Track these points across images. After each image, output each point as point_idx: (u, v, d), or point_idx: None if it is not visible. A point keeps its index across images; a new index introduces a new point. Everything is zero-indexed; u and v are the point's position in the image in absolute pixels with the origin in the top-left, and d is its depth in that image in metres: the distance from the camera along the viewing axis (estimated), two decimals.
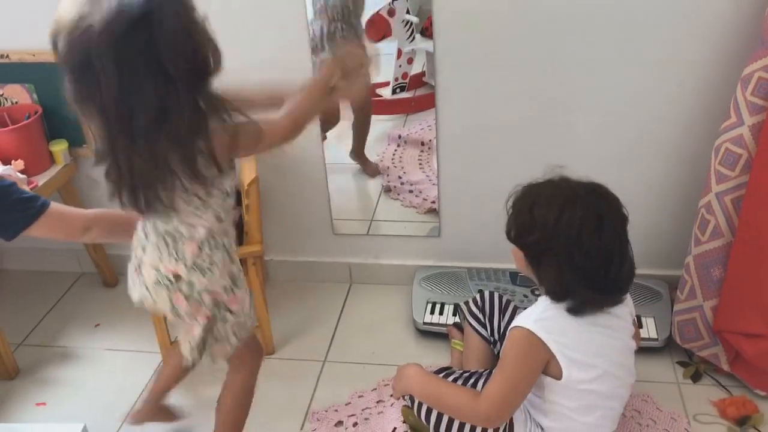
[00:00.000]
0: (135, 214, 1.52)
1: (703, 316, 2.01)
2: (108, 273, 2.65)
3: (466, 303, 1.98)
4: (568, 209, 1.43)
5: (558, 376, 1.47)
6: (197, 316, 1.55)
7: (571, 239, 1.41)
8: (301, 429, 2.00)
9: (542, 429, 1.59)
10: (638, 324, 1.69)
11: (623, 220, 1.48)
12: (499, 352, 1.86)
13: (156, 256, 1.50)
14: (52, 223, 1.55)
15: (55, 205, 1.56)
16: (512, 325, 1.52)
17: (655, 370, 2.08)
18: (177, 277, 1.50)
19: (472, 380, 1.73)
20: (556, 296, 1.48)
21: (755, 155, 1.79)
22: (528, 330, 1.46)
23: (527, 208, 1.48)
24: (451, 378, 1.75)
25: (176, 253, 1.48)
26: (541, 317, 1.49)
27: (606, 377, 1.51)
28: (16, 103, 2.35)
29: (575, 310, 1.47)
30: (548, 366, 1.48)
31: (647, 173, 2.19)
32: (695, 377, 2.06)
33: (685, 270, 2.05)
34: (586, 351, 1.48)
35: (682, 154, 2.14)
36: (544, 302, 1.52)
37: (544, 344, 1.45)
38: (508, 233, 1.53)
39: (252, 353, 1.75)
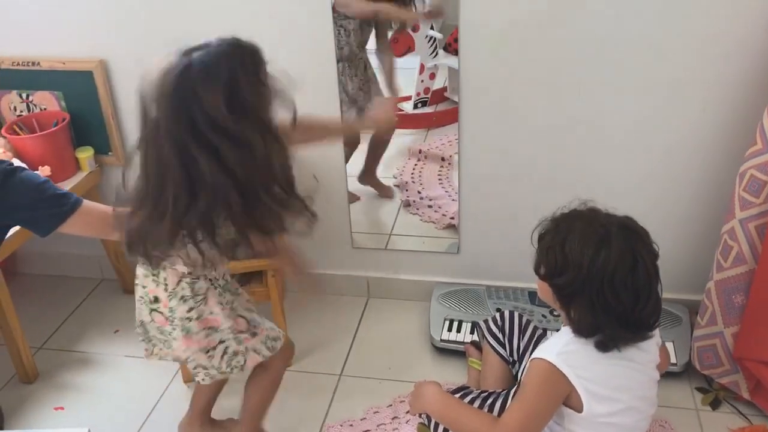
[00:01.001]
0: None
1: (723, 342, 1.99)
2: (128, 280, 2.66)
3: (485, 321, 1.96)
4: (603, 249, 1.38)
5: (579, 410, 1.45)
6: (189, 345, 1.60)
7: (605, 280, 1.37)
8: None
9: None
10: (665, 350, 1.65)
11: (654, 257, 1.45)
12: (517, 373, 1.86)
13: (143, 275, 1.60)
14: (87, 219, 1.57)
15: (88, 202, 1.58)
16: (534, 355, 1.49)
17: (673, 395, 2.06)
18: (156, 299, 1.59)
19: (490, 400, 1.72)
20: (583, 333, 1.45)
21: None
22: (550, 363, 1.44)
23: (559, 246, 1.43)
24: (468, 398, 1.74)
25: (157, 277, 1.57)
26: (564, 350, 1.46)
27: (628, 411, 1.48)
28: (45, 109, 2.38)
29: (602, 346, 1.44)
30: (569, 398, 1.46)
31: (670, 196, 2.18)
32: (714, 404, 2.04)
33: (706, 295, 2.03)
34: (608, 385, 1.46)
35: (705, 178, 2.13)
36: (568, 334, 1.49)
37: (566, 378, 1.43)
38: (536, 269, 1.49)
39: (281, 355, 1.79)
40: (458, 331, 2.27)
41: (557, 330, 1.55)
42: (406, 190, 2.70)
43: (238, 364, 1.68)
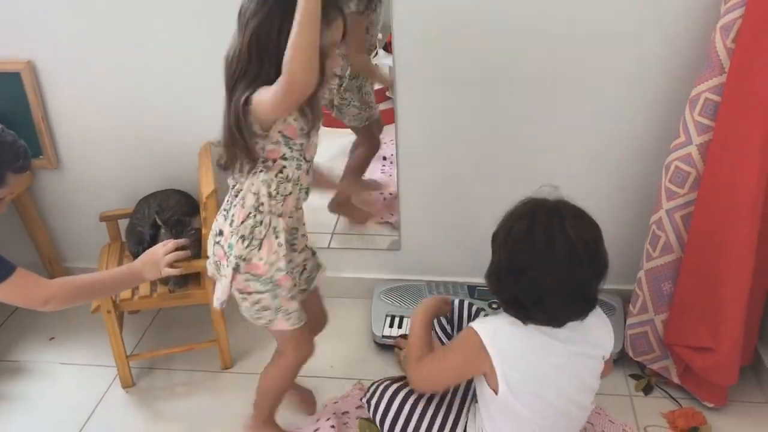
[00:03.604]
0: (101, 276, 1.71)
1: (654, 329, 2.06)
2: None
3: (438, 319, 1.96)
4: (519, 222, 1.45)
5: (495, 391, 1.49)
6: (233, 281, 1.65)
7: (542, 264, 1.40)
8: None
9: None
10: (610, 363, 1.68)
11: (580, 236, 1.45)
12: None
13: (220, 210, 1.68)
14: (11, 290, 1.51)
15: (20, 272, 1.52)
16: (472, 324, 1.51)
17: (608, 383, 2.10)
18: (221, 232, 1.65)
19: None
20: (508, 310, 1.48)
21: (703, 173, 1.85)
22: (481, 339, 1.47)
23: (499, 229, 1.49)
24: (410, 387, 1.76)
25: (226, 212, 1.64)
26: (500, 331, 1.48)
27: (549, 411, 1.51)
28: None
29: (534, 320, 1.46)
30: (489, 378, 1.49)
31: (602, 189, 2.24)
32: (647, 390, 2.11)
33: (637, 284, 2.10)
34: (533, 379, 1.48)
35: (634, 171, 2.19)
36: (508, 317, 1.50)
37: (490, 360, 1.46)
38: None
39: (297, 348, 1.81)
40: (399, 326, 2.29)
41: None
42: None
43: (264, 318, 1.71)
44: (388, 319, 2.32)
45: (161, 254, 1.71)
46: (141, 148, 2.37)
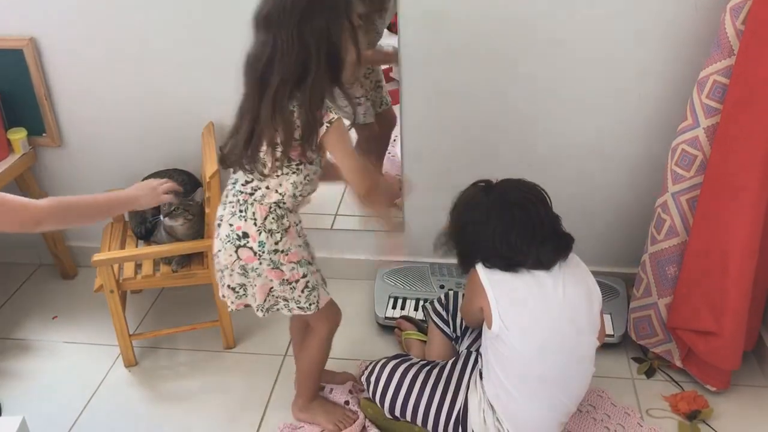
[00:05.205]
0: (93, 198, 1.68)
1: (657, 313, 2.05)
2: (67, 265, 2.62)
3: (431, 302, 2.03)
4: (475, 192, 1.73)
5: (490, 326, 1.62)
6: (270, 276, 1.67)
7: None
8: (261, 421, 2.00)
9: (493, 410, 1.68)
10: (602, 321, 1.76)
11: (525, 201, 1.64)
12: (459, 347, 1.92)
13: (230, 213, 1.67)
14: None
15: (1, 197, 1.49)
16: (479, 266, 1.66)
17: (610, 365, 2.12)
18: (245, 234, 1.64)
19: (428, 367, 1.81)
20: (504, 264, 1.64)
21: (710, 157, 1.83)
22: (479, 275, 1.65)
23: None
24: (407, 363, 1.83)
25: (245, 213, 1.64)
26: (496, 271, 1.65)
27: (546, 353, 1.63)
28: None
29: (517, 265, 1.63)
30: (485, 314, 1.64)
31: (607, 172, 2.23)
32: (649, 373, 2.11)
33: (641, 268, 2.09)
34: (521, 313, 1.62)
35: (640, 153, 2.18)
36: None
37: (485, 292, 1.63)
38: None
39: (326, 317, 1.86)
40: (402, 308, 2.29)
41: None
42: None
43: (315, 299, 1.75)
44: (391, 301, 2.32)
45: (157, 183, 1.79)
46: (144, 127, 2.36)
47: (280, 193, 1.63)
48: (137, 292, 2.48)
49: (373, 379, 1.83)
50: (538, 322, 1.62)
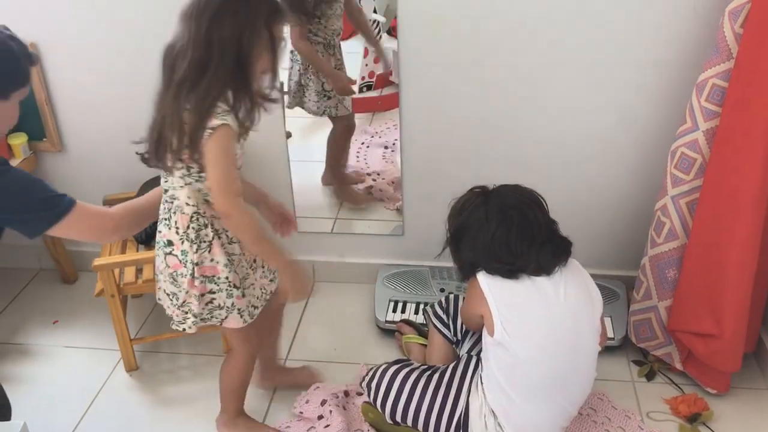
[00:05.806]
0: (154, 194, 1.67)
1: (657, 316, 2.05)
2: (67, 269, 2.62)
3: (432, 306, 2.03)
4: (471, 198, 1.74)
5: (491, 333, 1.63)
6: (190, 288, 1.63)
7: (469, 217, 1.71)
8: (263, 423, 2.00)
9: (494, 415, 1.68)
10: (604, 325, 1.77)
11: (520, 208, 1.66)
12: (460, 351, 1.92)
13: (161, 220, 1.64)
14: (79, 223, 1.49)
15: (82, 205, 1.50)
16: (480, 274, 1.67)
17: (611, 368, 2.13)
18: (170, 242, 1.61)
19: (429, 371, 1.81)
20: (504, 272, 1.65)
21: (709, 160, 1.84)
22: (479, 283, 1.66)
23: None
24: (409, 368, 1.83)
25: (169, 221, 1.61)
26: (497, 278, 1.66)
27: (544, 357, 1.63)
28: None
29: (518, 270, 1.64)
30: (486, 321, 1.65)
31: (607, 175, 2.23)
32: (649, 376, 2.11)
33: (641, 271, 2.09)
34: (524, 320, 1.63)
35: (640, 157, 2.18)
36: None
37: (486, 300, 1.63)
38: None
39: (245, 340, 1.81)
40: (403, 312, 2.29)
41: None
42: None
43: (219, 317, 1.69)
44: (391, 304, 2.32)
45: None
46: (145, 133, 2.36)
47: (192, 204, 1.57)
48: (138, 296, 2.48)
49: (374, 384, 1.84)
50: (539, 329, 1.62)
